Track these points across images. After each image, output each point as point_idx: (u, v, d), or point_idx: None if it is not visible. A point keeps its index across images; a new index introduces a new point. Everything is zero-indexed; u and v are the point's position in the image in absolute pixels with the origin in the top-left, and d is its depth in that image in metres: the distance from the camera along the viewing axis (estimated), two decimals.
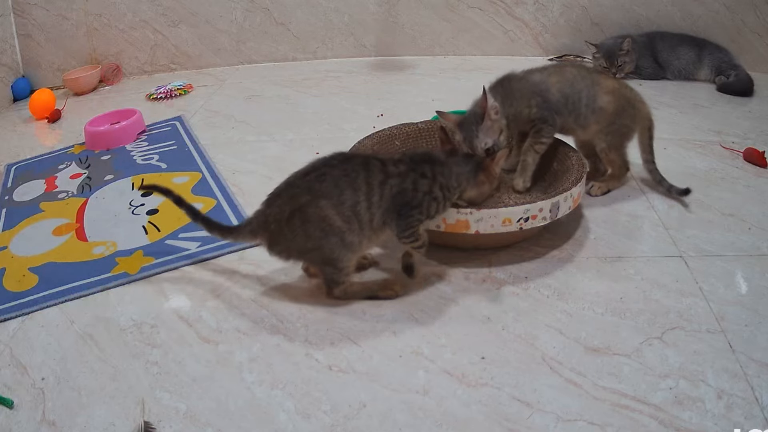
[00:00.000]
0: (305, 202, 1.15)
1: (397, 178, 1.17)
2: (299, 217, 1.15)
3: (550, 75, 1.51)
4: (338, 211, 1.14)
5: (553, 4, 2.70)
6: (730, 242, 1.39)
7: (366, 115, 2.21)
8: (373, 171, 1.16)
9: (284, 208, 1.16)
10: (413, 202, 1.17)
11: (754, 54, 2.51)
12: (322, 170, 1.17)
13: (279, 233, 1.18)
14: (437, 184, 1.19)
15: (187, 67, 2.95)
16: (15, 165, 2.06)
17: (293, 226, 1.16)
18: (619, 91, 1.52)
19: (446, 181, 1.21)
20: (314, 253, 1.18)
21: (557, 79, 1.50)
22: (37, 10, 2.78)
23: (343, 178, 1.15)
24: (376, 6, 2.83)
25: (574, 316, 1.19)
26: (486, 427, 0.97)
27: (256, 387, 1.06)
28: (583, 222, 1.49)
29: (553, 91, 1.48)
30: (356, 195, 1.15)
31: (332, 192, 1.14)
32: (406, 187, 1.17)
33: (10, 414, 1.04)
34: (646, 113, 1.57)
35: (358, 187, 1.15)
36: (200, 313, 1.25)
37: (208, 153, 1.97)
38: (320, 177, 1.16)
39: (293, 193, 1.16)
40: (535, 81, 1.49)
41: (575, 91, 1.49)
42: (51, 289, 1.35)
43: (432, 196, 1.18)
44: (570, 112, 1.49)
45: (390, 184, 1.16)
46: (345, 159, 1.19)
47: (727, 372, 1.04)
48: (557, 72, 1.52)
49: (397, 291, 1.25)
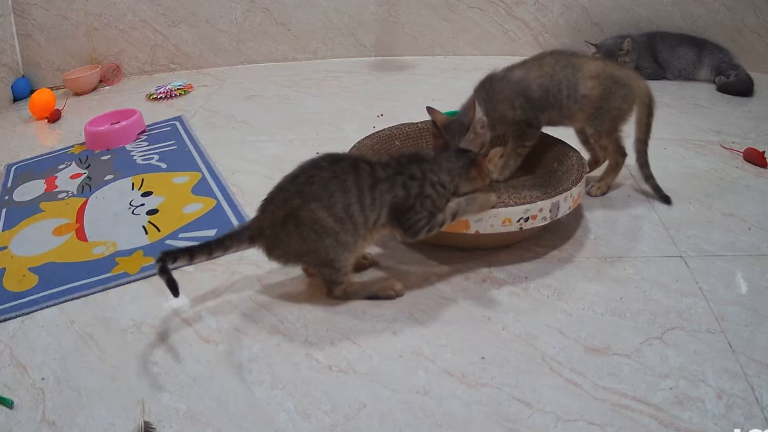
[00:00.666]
0: (297, 205, 1.15)
1: (387, 183, 1.17)
2: (292, 221, 1.15)
3: (530, 70, 1.47)
4: (330, 212, 1.14)
5: (553, 4, 2.70)
6: (730, 242, 1.39)
7: (366, 115, 2.21)
8: (362, 174, 1.16)
9: (277, 213, 1.17)
10: (408, 206, 1.17)
11: (754, 54, 2.51)
12: (311, 172, 1.17)
13: (275, 238, 1.18)
14: (428, 182, 1.18)
15: (187, 67, 2.95)
16: (15, 165, 2.06)
17: (288, 230, 1.16)
18: (604, 72, 1.46)
19: (438, 177, 1.20)
20: (311, 256, 1.18)
21: (537, 74, 1.46)
22: (37, 10, 2.78)
23: (332, 179, 1.15)
24: (376, 6, 2.83)
25: (574, 316, 1.19)
26: (486, 427, 0.97)
27: (256, 387, 1.06)
28: (583, 222, 1.49)
29: (534, 88, 1.45)
30: (347, 197, 1.15)
31: (322, 194, 1.14)
32: (398, 194, 1.17)
33: (10, 414, 1.04)
34: (643, 89, 1.50)
35: (348, 189, 1.15)
36: (200, 313, 1.25)
37: (208, 153, 1.97)
38: (309, 179, 1.16)
39: (285, 197, 1.17)
40: (516, 80, 1.47)
41: (555, 82, 1.45)
42: (51, 289, 1.35)
43: (425, 195, 1.18)
44: (552, 106, 1.46)
45: (380, 189, 1.16)
46: (334, 160, 1.18)
47: (727, 372, 1.04)
48: (536, 66, 1.48)
49: (398, 291, 1.25)
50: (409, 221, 1.18)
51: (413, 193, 1.17)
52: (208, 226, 1.54)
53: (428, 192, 1.18)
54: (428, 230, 1.19)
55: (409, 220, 1.18)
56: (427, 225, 1.18)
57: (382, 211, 1.18)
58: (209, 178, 1.80)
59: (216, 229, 1.52)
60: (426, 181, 1.18)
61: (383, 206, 1.17)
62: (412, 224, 1.18)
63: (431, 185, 1.18)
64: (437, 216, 1.19)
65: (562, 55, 1.50)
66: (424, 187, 1.18)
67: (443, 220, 1.20)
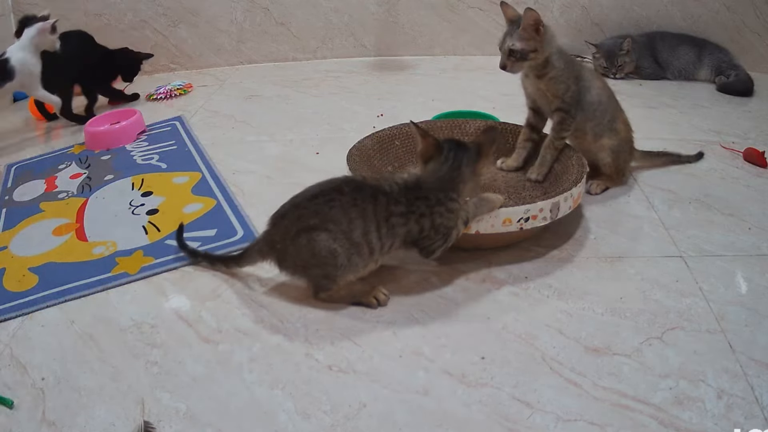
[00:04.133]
0: (314, 224, 1.16)
1: (401, 218, 1.18)
2: (305, 236, 1.17)
3: (596, 78, 1.56)
4: (347, 236, 1.16)
5: (553, 4, 2.70)
6: (730, 242, 1.39)
7: (366, 115, 2.21)
8: (379, 206, 1.17)
9: (291, 228, 1.18)
10: (423, 236, 1.20)
11: (754, 54, 2.51)
12: (332, 195, 1.17)
13: (285, 251, 1.20)
14: (435, 215, 1.19)
15: (187, 67, 2.95)
16: (15, 165, 2.06)
17: (299, 244, 1.18)
18: (627, 129, 1.59)
19: (445, 206, 1.19)
20: (316, 270, 1.19)
21: (601, 85, 1.55)
22: (36, 11, 2.77)
23: (353, 207, 1.16)
24: (376, 6, 2.83)
25: (574, 316, 1.19)
26: (486, 427, 0.97)
27: (256, 387, 1.06)
28: (583, 222, 1.49)
29: (593, 93, 1.52)
30: (366, 224, 1.16)
31: (341, 219, 1.16)
32: (413, 229, 1.19)
33: (10, 414, 1.04)
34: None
35: (368, 217, 1.16)
36: (200, 313, 1.25)
37: (208, 153, 1.97)
38: (329, 202, 1.17)
39: (300, 214, 1.18)
40: (585, 76, 1.52)
41: (607, 104, 1.54)
42: (51, 289, 1.35)
43: (436, 224, 1.19)
44: (594, 118, 1.53)
45: (393, 222, 1.18)
46: (356, 188, 1.18)
47: (727, 372, 1.04)
48: (602, 80, 1.58)
49: (381, 301, 1.24)
50: (426, 247, 1.21)
51: (426, 227, 1.19)
52: (208, 226, 1.54)
53: (438, 222, 1.19)
54: (444, 248, 1.22)
55: (426, 246, 1.21)
56: (443, 245, 1.21)
57: (396, 239, 1.20)
58: (209, 178, 1.80)
59: (216, 229, 1.52)
60: (434, 215, 1.19)
61: (396, 237, 1.20)
62: (427, 247, 1.21)
63: (440, 216, 1.19)
64: (452, 234, 1.21)
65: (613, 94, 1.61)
66: (434, 221, 1.19)
67: (457, 233, 1.22)
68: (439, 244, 1.21)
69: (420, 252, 1.23)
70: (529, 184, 1.56)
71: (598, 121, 1.53)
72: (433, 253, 1.22)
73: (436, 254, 1.22)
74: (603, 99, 1.53)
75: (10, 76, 2.01)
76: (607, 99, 1.54)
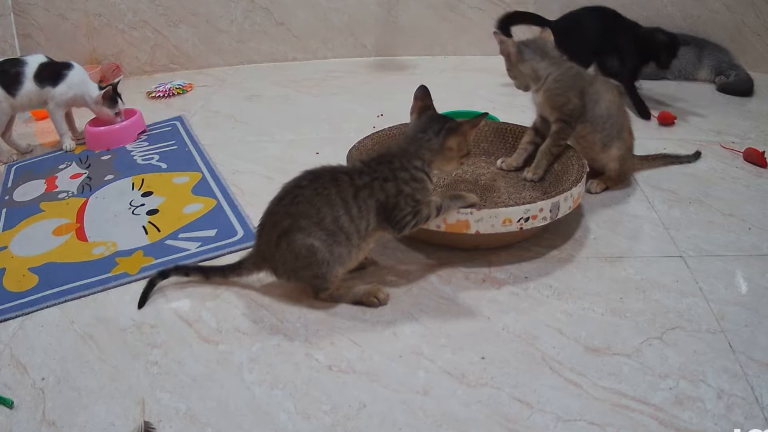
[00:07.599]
0: (288, 225, 1.17)
1: (367, 189, 1.18)
2: (285, 240, 1.18)
3: (608, 91, 1.55)
4: (320, 227, 1.16)
5: (553, 3, 2.70)
6: (730, 242, 1.39)
7: (366, 115, 2.21)
8: (342, 185, 1.18)
9: (271, 236, 1.20)
10: (392, 205, 1.19)
11: (754, 54, 2.51)
12: (294, 192, 1.19)
13: (274, 260, 1.22)
14: (400, 180, 1.19)
15: (187, 67, 2.95)
16: (15, 165, 2.06)
17: (282, 249, 1.19)
18: (631, 137, 1.60)
19: (409, 173, 1.20)
20: (305, 271, 1.19)
21: (611, 98, 1.54)
22: (37, 10, 2.78)
23: (315, 196, 1.17)
24: (376, 6, 2.83)
25: (574, 316, 1.19)
26: (486, 427, 0.97)
27: (256, 387, 1.06)
28: (583, 222, 1.49)
29: (602, 105, 1.52)
30: (334, 210, 1.16)
31: (309, 211, 1.16)
32: (380, 198, 1.19)
33: (10, 414, 1.04)
34: None
35: (334, 202, 1.17)
36: (200, 313, 1.25)
37: (208, 153, 1.97)
38: (294, 200, 1.18)
39: (275, 220, 1.20)
40: (594, 90, 1.52)
41: (617, 117, 1.54)
42: (51, 289, 1.35)
43: (404, 193, 1.19)
44: (603, 130, 1.53)
45: (362, 197, 1.18)
46: (314, 177, 1.20)
47: (727, 372, 1.04)
48: (614, 93, 1.57)
49: (381, 300, 1.24)
50: (395, 218, 1.20)
51: (392, 193, 1.19)
52: (208, 226, 1.55)
53: (406, 190, 1.19)
54: (414, 224, 1.21)
55: (395, 217, 1.20)
56: (413, 220, 1.20)
57: (370, 216, 1.19)
58: (209, 178, 1.80)
59: (216, 229, 1.52)
60: (398, 180, 1.19)
61: (369, 212, 1.19)
62: (398, 220, 1.20)
63: (404, 182, 1.19)
64: (422, 211, 1.21)
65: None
66: (399, 186, 1.19)
67: (428, 214, 1.22)
68: (409, 218, 1.19)
69: (391, 227, 1.20)
70: (529, 183, 1.56)
71: (607, 132, 1.53)
72: (403, 228, 1.20)
73: (406, 230, 1.20)
74: (613, 111, 1.53)
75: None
76: (617, 111, 1.54)
